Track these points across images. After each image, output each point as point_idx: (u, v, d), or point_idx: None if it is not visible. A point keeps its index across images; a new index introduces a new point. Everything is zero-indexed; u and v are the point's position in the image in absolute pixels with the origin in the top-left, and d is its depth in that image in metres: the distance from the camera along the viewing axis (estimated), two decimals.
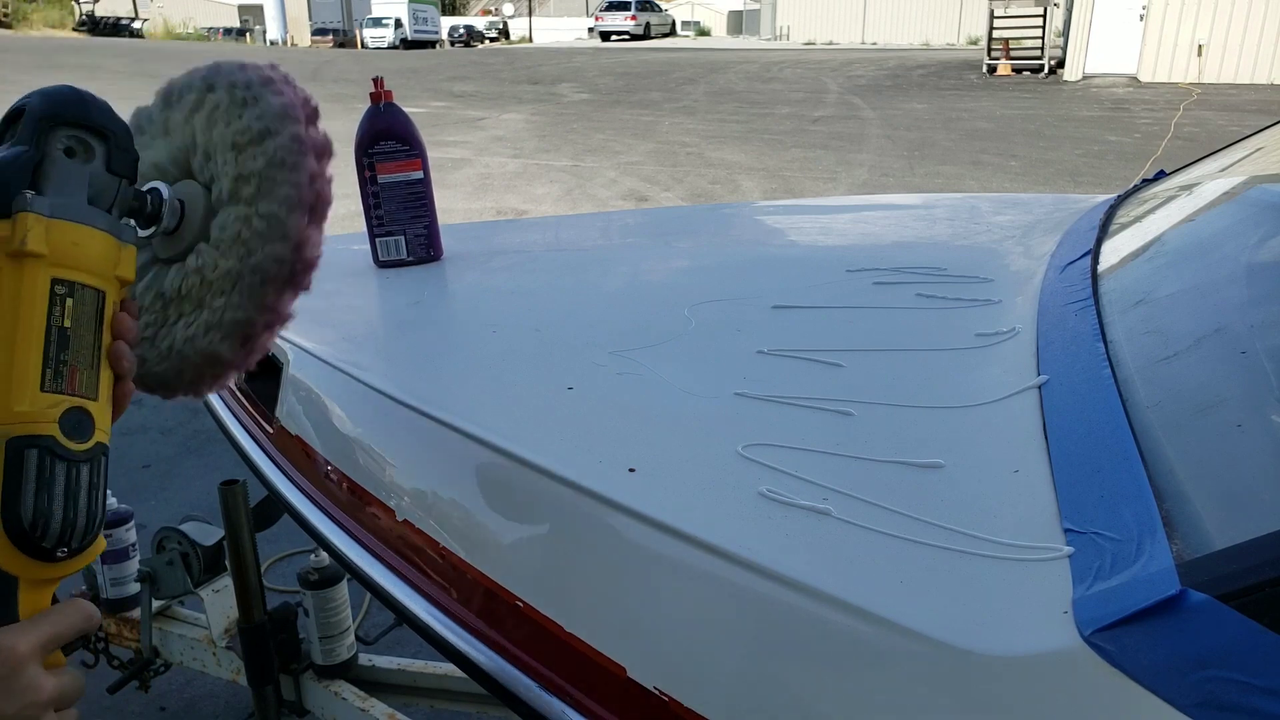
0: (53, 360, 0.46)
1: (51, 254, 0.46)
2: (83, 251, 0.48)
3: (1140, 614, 0.42)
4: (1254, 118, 8.59)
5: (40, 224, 0.46)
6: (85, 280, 0.48)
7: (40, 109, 0.49)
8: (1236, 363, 0.65)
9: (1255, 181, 1.05)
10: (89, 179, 0.50)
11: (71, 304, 0.47)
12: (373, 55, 21.13)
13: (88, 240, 0.48)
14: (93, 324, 0.48)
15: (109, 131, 0.51)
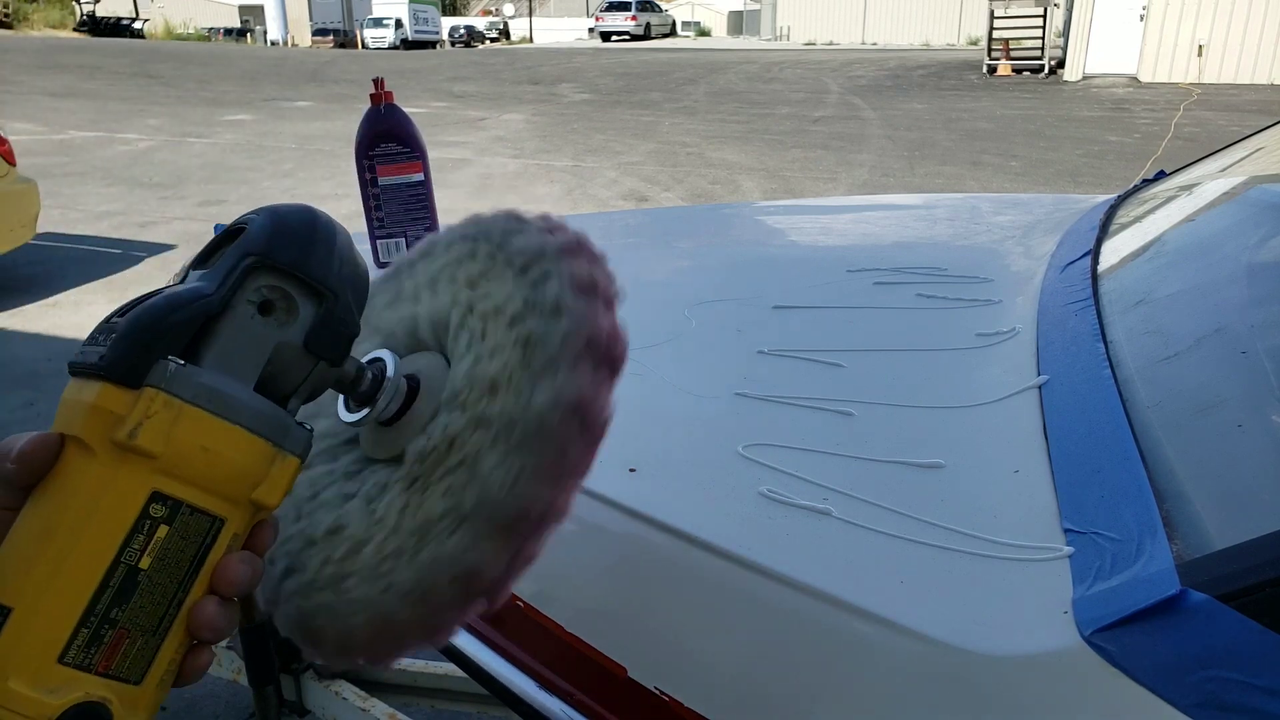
0: (98, 617, 0.32)
1: (166, 458, 0.32)
2: (214, 461, 0.33)
3: (1140, 614, 0.42)
4: (1254, 118, 8.59)
5: (170, 411, 0.32)
6: (200, 503, 0.33)
7: (254, 239, 0.36)
8: (1237, 363, 0.65)
9: (1255, 181, 1.05)
10: (274, 351, 0.36)
11: (164, 535, 0.33)
12: (373, 55, 21.15)
13: (228, 447, 0.34)
14: (185, 567, 0.33)
15: (329, 291, 0.37)
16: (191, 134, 8.94)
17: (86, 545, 0.32)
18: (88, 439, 0.32)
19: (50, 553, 0.31)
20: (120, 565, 0.32)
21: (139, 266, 4.69)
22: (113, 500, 0.32)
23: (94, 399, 0.32)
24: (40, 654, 0.31)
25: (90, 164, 7.37)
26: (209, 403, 0.33)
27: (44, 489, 0.33)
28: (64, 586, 0.31)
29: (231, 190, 6.47)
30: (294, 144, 8.38)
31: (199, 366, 0.34)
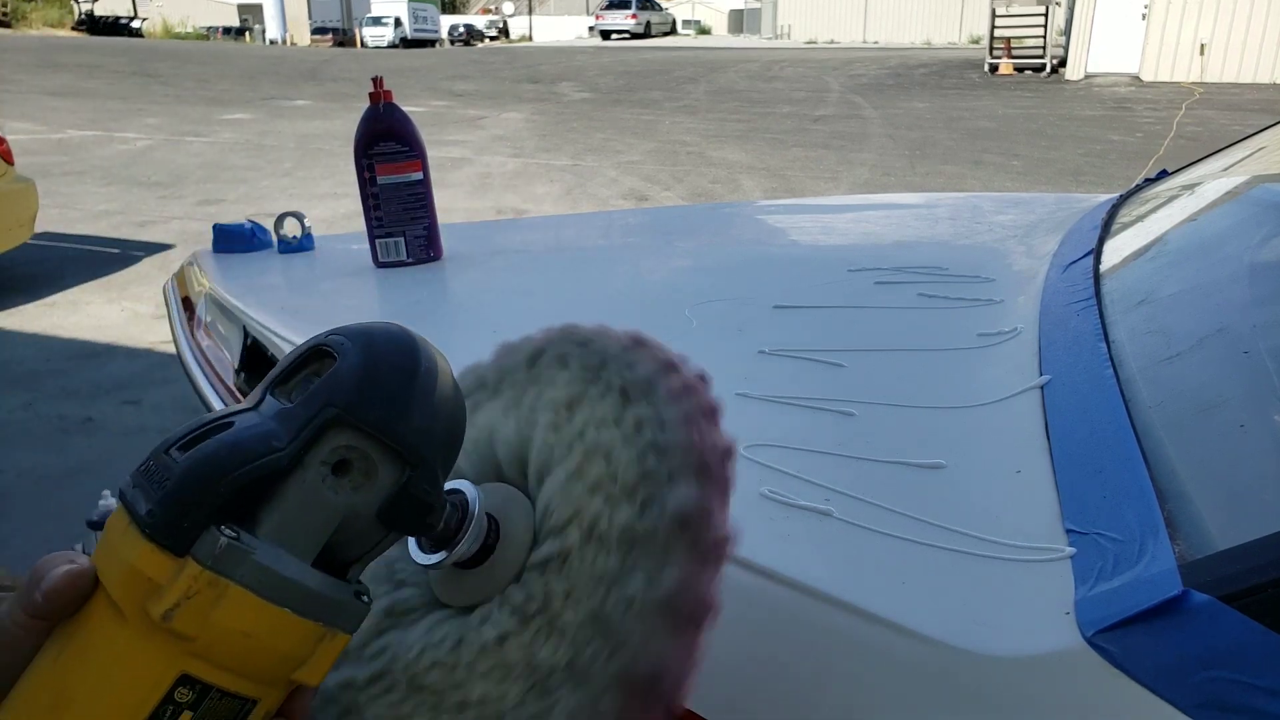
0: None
1: (203, 641, 0.28)
2: (255, 648, 0.29)
3: (1142, 615, 0.42)
4: (1256, 117, 8.59)
5: (214, 590, 0.28)
6: (232, 687, 0.29)
7: (341, 386, 0.31)
8: (1239, 363, 0.65)
9: (1258, 181, 1.05)
10: (342, 520, 0.31)
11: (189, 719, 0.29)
12: (372, 54, 21.15)
13: (273, 632, 0.29)
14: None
15: (418, 459, 0.32)
16: (190, 133, 8.94)
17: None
18: (121, 603, 0.29)
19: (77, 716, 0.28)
20: None
21: (137, 266, 4.69)
22: (136, 677, 0.28)
23: (135, 559, 0.29)
24: None
25: (88, 163, 7.37)
26: (258, 585, 0.29)
27: (68, 638, 0.29)
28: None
29: (230, 189, 6.47)
30: (293, 143, 8.38)
31: (255, 537, 0.29)
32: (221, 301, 1.19)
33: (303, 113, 10.40)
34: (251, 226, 1.44)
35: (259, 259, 1.38)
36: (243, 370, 1.10)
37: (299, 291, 1.27)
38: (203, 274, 1.33)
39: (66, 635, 0.29)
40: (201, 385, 1.17)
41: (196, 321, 1.30)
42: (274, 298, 1.18)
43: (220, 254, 1.40)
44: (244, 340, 1.09)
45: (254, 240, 1.42)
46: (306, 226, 1.40)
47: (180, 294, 1.43)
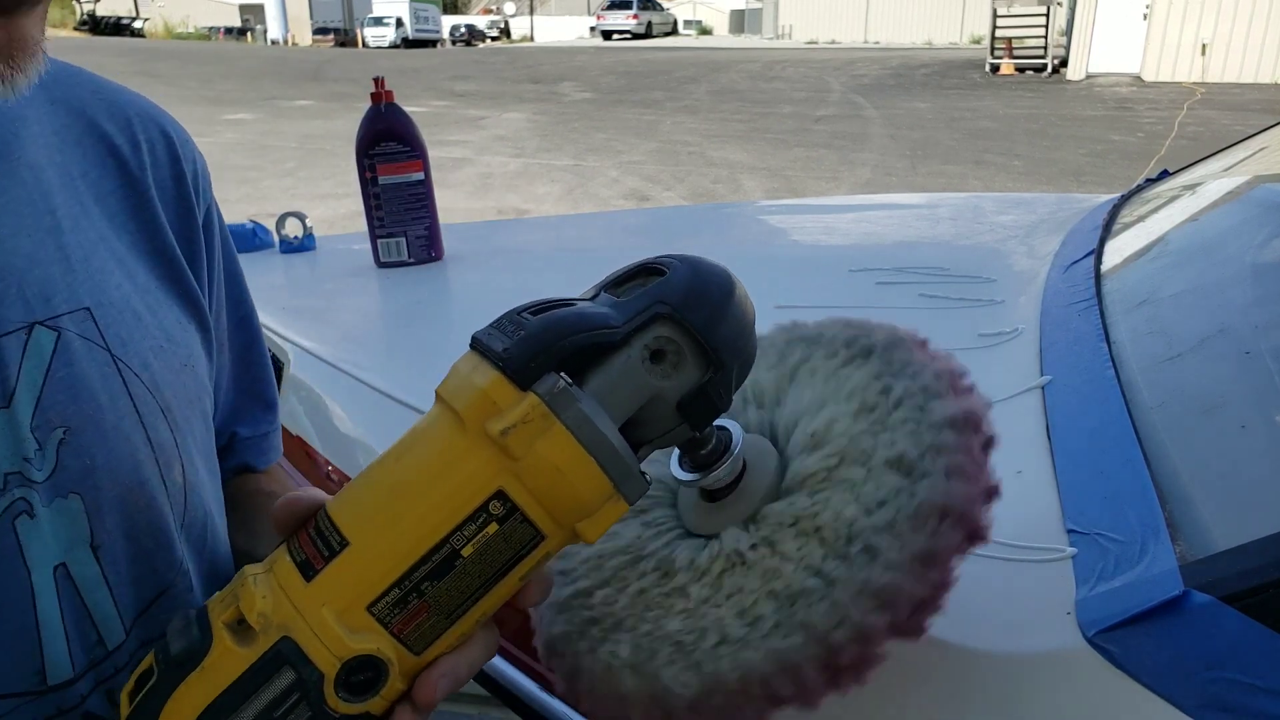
0: (412, 584, 0.34)
1: (524, 464, 0.33)
2: (560, 483, 0.34)
3: (1143, 615, 0.42)
4: (1258, 117, 8.57)
5: (544, 423, 0.33)
6: (532, 515, 0.34)
7: (673, 289, 0.36)
8: (1240, 363, 0.65)
9: (1259, 181, 1.05)
10: (649, 400, 0.36)
11: (492, 532, 0.34)
12: (374, 54, 21.17)
13: (578, 475, 0.34)
14: (497, 568, 0.34)
15: (721, 363, 0.37)
16: (192, 133, 8.88)
17: (428, 515, 0.34)
18: (466, 418, 0.34)
19: (396, 507, 0.34)
20: (446, 545, 0.34)
21: None
22: (463, 481, 0.34)
23: (485, 384, 0.34)
24: (357, 595, 0.33)
25: None
26: (578, 429, 0.33)
27: (412, 439, 0.36)
28: (396, 545, 0.33)
29: (233, 189, 6.48)
30: (295, 143, 8.38)
31: (582, 390, 0.34)
32: None
33: (304, 113, 10.41)
34: (253, 226, 1.44)
35: (261, 259, 1.38)
36: None
37: (301, 291, 1.27)
38: None
39: (410, 440, 0.36)
40: None
41: None
42: (275, 298, 1.19)
43: None
44: None
45: (256, 240, 1.42)
46: (308, 226, 1.41)
47: None
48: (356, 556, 0.34)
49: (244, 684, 0.33)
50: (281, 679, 0.33)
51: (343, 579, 0.34)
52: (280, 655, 0.33)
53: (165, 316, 0.47)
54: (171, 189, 0.50)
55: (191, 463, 0.46)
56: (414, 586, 0.34)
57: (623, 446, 0.35)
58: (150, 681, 0.33)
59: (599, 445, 0.34)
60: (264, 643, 0.33)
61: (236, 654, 0.33)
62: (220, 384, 0.55)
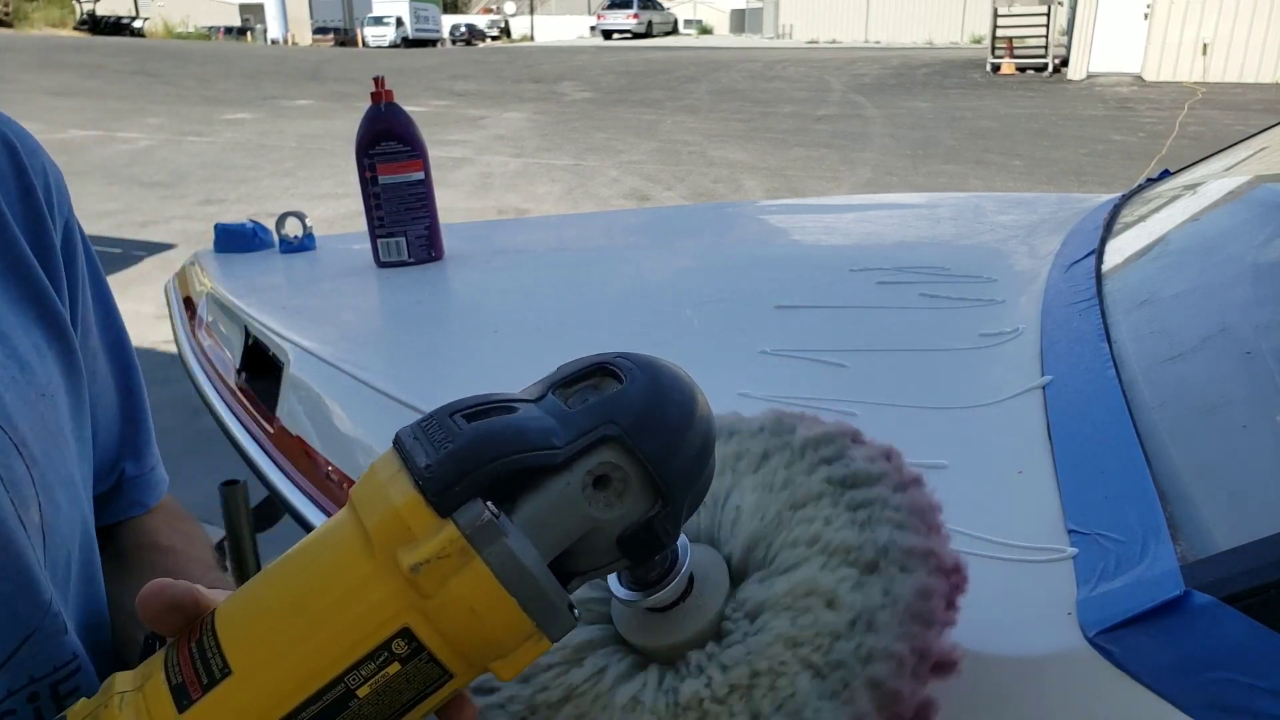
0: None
1: (433, 604, 0.30)
2: (473, 625, 0.30)
3: (1144, 616, 0.42)
4: (1259, 117, 8.57)
5: (461, 559, 0.30)
6: (440, 655, 0.31)
7: (626, 409, 0.32)
8: (1241, 363, 0.65)
9: (1260, 181, 1.05)
10: (585, 535, 0.33)
11: (393, 673, 0.30)
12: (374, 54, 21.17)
13: (495, 617, 0.30)
14: (395, 708, 0.31)
15: (671, 501, 0.33)
16: (192, 133, 8.94)
17: (323, 648, 0.30)
18: (376, 540, 0.30)
19: (288, 633, 0.30)
20: (340, 684, 0.30)
21: (139, 266, 4.69)
22: (365, 613, 0.30)
23: (400, 504, 0.30)
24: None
25: (90, 163, 7.38)
26: (500, 567, 0.30)
27: (317, 549, 0.32)
28: (284, 679, 0.30)
29: (232, 189, 6.48)
30: (294, 143, 8.38)
31: (511, 520, 0.31)
32: (223, 301, 1.19)
33: (304, 112, 10.41)
34: (253, 226, 1.44)
35: (260, 259, 1.38)
36: (244, 370, 1.10)
37: (300, 291, 1.27)
38: (204, 274, 1.33)
39: (314, 549, 0.32)
40: (203, 385, 1.18)
41: (198, 321, 1.30)
42: (275, 298, 1.19)
43: (222, 254, 1.40)
44: (245, 340, 1.10)
45: (255, 240, 1.42)
46: (308, 226, 1.41)
47: (181, 294, 1.43)
48: (239, 688, 0.30)
49: None
50: None
51: (220, 713, 0.30)
52: None
53: (19, 343, 0.43)
54: (19, 203, 0.46)
55: (51, 499, 0.43)
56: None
57: (551, 585, 0.31)
58: None
59: (522, 585, 0.30)
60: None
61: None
62: (102, 415, 0.52)
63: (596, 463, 0.32)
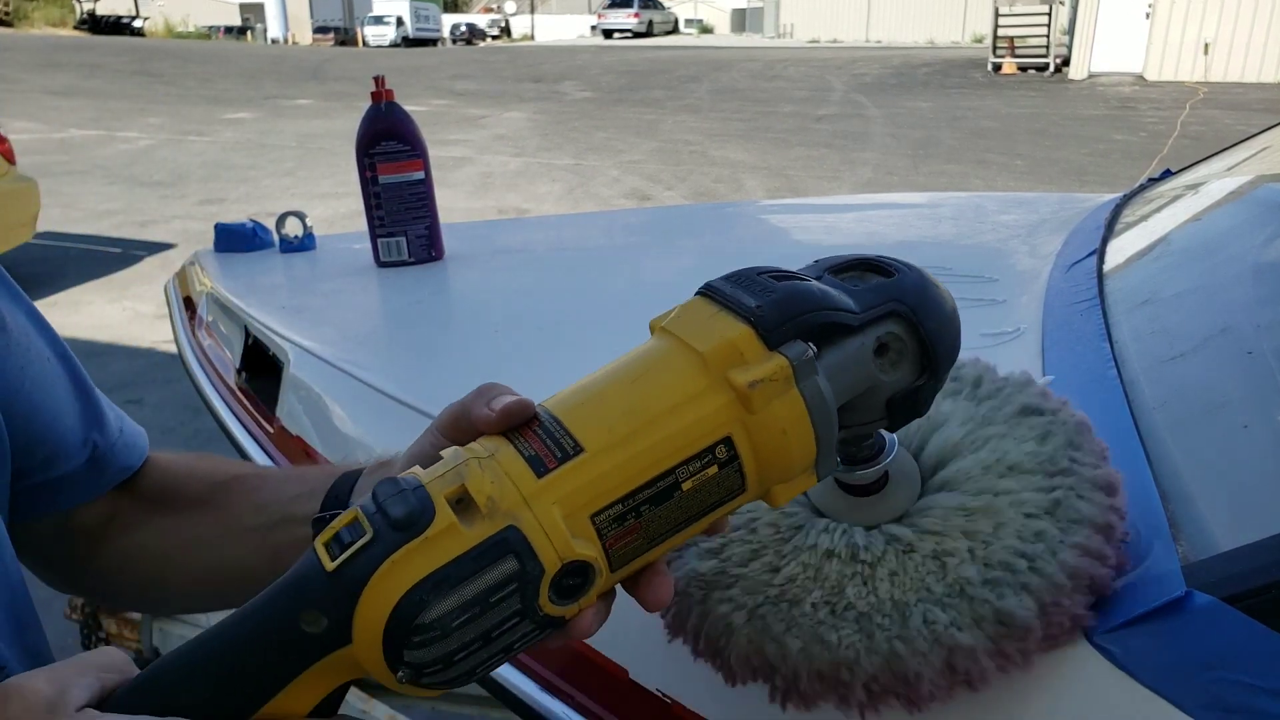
0: (633, 504, 0.35)
1: (755, 420, 0.35)
2: (780, 447, 0.35)
3: (1146, 616, 0.41)
4: (1261, 116, 8.57)
5: (784, 385, 0.35)
6: (746, 467, 0.36)
7: (909, 291, 0.38)
8: (1243, 363, 0.65)
9: (1262, 180, 1.05)
10: (864, 392, 0.37)
11: (712, 473, 0.35)
12: (374, 53, 21.17)
13: (796, 443, 0.36)
14: (701, 508, 0.36)
15: (935, 373, 0.38)
16: (192, 132, 8.95)
17: (664, 443, 0.35)
18: (711, 362, 0.35)
19: (634, 427, 0.35)
20: (672, 475, 0.35)
21: (139, 265, 4.69)
22: (700, 419, 0.35)
23: (734, 336, 0.36)
24: (586, 501, 0.34)
25: (90, 162, 7.38)
26: (812, 399, 0.35)
27: (644, 367, 0.37)
28: (630, 464, 0.34)
29: (232, 189, 6.48)
30: (294, 142, 8.39)
31: (819, 362, 0.36)
32: (223, 301, 1.19)
33: (304, 112, 10.41)
34: (253, 226, 1.44)
35: (260, 258, 1.38)
36: (244, 370, 1.10)
37: (300, 291, 1.27)
38: (204, 273, 1.33)
39: (641, 367, 0.37)
40: (203, 384, 1.18)
41: (198, 321, 1.30)
42: (275, 297, 1.19)
43: (222, 253, 1.40)
44: (245, 339, 1.10)
45: (255, 240, 1.42)
46: (308, 226, 1.41)
47: (182, 293, 1.43)
48: (592, 464, 0.34)
49: (466, 562, 0.32)
50: (504, 566, 0.33)
51: (576, 482, 0.34)
52: (506, 543, 0.33)
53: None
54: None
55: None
56: (635, 506, 0.35)
57: (835, 425, 0.36)
58: (364, 539, 0.33)
59: (822, 420, 0.36)
60: (489, 527, 0.33)
61: (460, 532, 0.33)
62: (61, 392, 0.52)
63: (885, 331, 0.37)
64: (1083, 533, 0.43)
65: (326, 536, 0.34)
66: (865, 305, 0.37)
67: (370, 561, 0.32)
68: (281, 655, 0.33)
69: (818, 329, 0.36)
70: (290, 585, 0.34)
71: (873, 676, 0.42)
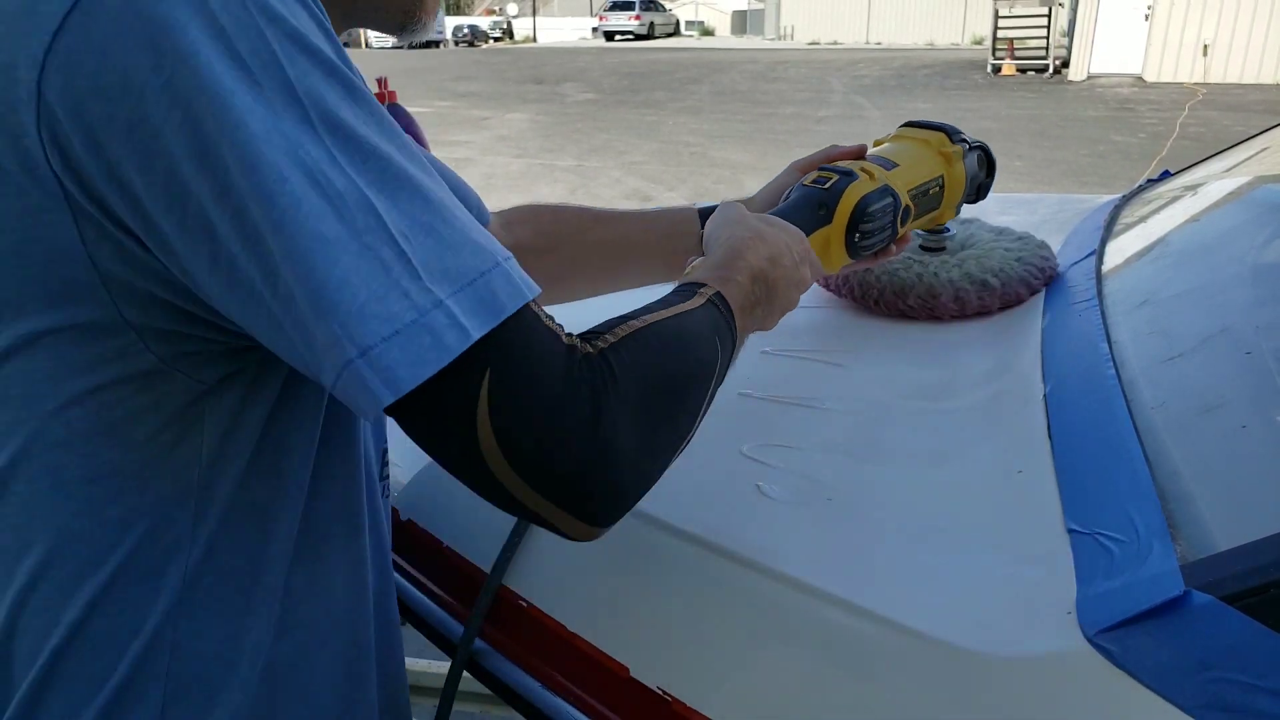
0: (918, 191, 0.75)
1: (951, 170, 0.78)
2: (954, 186, 0.79)
3: (1144, 615, 0.42)
4: (1260, 118, 8.56)
5: (959, 157, 0.78)
6: (945, 196, 0.79)
7: (984, 144, 0.83)
8: (1241, 363, 0.65)
9: (1260, 181, 1.05)
10: (970, 175, 0.80)
11: (935, 191, 0.77)
12: (377, 54, 21.17)
13: (958, 188, 0.80)
14: (930, 206, 0.78)
15: (993, 177, 0.84)
16: None
17: (927, 170, 0.77)
18: (933, 144, 0.79)
19: (912, 162, 0.76)
20: (927, 185, 0.77)
21: None
22: (935, 165, 0.78)
23: (940, 135, 0.79)
24: (906, 182, 0.74)
25: None
26: (967, 167, 0.80)
27: (908, 144, 0.79)
28: (920, 173, 0.76)
29: None
30: None
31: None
32: None
33: None
34: None
35: None
36: None
37: None
38: None
39: (906, 145, 0.79)
40: None
41: None
42: None
43: None
44: None
45: None
46: None
47: None
48: (905, 171, 0.74)
49: (877, 194, 0.70)
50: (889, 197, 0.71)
51: (903, 176, 0.73)
52: (888, 189, 0.71)
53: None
54: None
55: None
56: (917, 194, 0.75)
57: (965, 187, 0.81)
58: (834, 179, 0.69)
59: (970, 179, 0.80)
60: (879, 183, 0.71)
61: (872, 181, 0.70)
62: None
63: (978, 152, 0.82)
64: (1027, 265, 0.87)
65: (811, 178, 0.70)
66: (972, 143, 0.81)
67: (844, 184, 0.68)
68: (809, 220, 0.66)
69: (965, 142, 0.80)
70: (808, 193, 0.69)
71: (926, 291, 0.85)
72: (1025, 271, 0.84)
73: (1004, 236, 0.91)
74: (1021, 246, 0.88)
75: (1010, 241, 0.89)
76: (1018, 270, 0.84)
